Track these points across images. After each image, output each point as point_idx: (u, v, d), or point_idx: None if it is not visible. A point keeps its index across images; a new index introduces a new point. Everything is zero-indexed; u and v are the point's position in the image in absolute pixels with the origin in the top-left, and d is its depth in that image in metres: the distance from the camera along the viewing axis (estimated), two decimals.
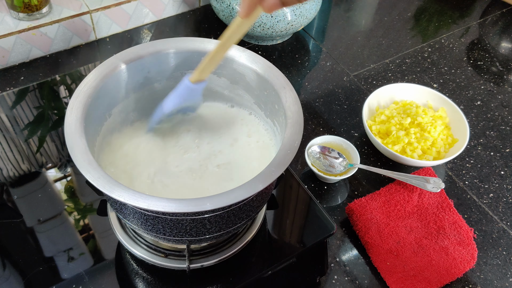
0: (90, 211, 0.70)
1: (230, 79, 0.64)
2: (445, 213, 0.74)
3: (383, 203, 0.74)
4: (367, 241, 0.71)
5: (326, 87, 0.96)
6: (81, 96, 0.54)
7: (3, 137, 0.78)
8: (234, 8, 0.92)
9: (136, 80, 0.62)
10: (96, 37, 0.99)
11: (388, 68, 1.02)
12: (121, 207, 0.52)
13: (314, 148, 0.79)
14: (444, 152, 0.81)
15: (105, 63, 0.58)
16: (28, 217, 0.68)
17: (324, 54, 1.04)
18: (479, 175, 0.83)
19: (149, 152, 0.61)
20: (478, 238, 0.74)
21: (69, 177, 0.74)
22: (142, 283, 0.62)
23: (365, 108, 0.83)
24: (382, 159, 0.83)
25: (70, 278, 0.61)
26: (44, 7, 0.91)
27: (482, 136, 0.90)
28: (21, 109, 0.83)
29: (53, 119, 0.82)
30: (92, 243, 0.66)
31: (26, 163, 0.75)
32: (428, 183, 0.75)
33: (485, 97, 0.98)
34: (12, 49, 0.90)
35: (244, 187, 0.47)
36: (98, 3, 0.95)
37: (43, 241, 0.65)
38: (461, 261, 0.69)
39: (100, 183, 0.46)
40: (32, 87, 0.87)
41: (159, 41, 0.62)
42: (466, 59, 1.06)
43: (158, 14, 1.05)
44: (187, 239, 0.54)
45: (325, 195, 0.78)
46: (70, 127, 0.51)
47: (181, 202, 0.45)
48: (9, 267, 0.63)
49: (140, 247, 0.62)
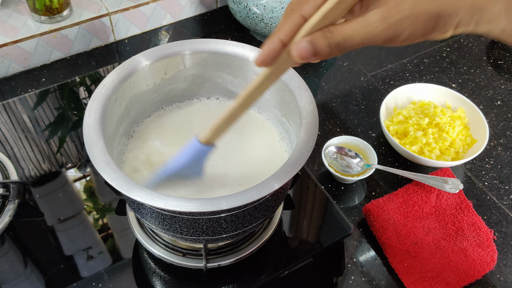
0: (109, 210, 0.71)
1: (246, 80, 0.65)
2: (464, 214, 0.73)
3: (400, 204, 0.74)
4: (384, 242, 0.70)
5: (343, 87, 0.96)
6: (100, 97, 0.55)
7: (25, 138, 0.80)
8: (251, 9, 0.93)
9: (153, 81, 0.63)
10: (115, 39, 1.01)
11: (406, 68, 1.01)
12: (139, 206, 0.53)
13: (331, 149, 0.79)
14: (463, 153, 0.80)
15: (123, 64, 0.59)
16: (49, 216, 0.69)
17: (341, 55, 1.03)
18: (499, 176, 0.82)
19: (167, 154, 0.62)
20: (498, 240, 0.73)
21: (88, 177, 0.75)
22: (160, 282, 0.63)
23: (383, 108, 0.83)
24: (399, 159, 0.83)
25: (89, 276, 0.63)
26: (65, 10, 0.92)
27: (502, 136, 0.89)
28: (42, 110, 0.85)
29: (72, 120, 0.84)
30: (110, 242, 0.67)
31: (47, 163, 0.76)
32: (446, 184, 0.75)
33: (505, 97, 0.96)
34: (34, 51, 0.92)
35: (260, 186, 0.47)
36: (117, 5, 0.97)
37: (63, 240, 0.67)
38: (480, 263, 0.68)
39: (118, 183, 0.47)
40: (53, 88, 0.89)
41: (176, 43, 0.62)
42: (486, 58, 1.05)
43: (176, 16, 1.06)
44: (204, 238, 0.55)
45: (342, 195, 0.78)
46: (89, 129, 0.52)
47: (198, 202, 0.46)
48: (30, 265, 0.64)
49: (158, 246, 0.62)
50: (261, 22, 0.94)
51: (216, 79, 0.66)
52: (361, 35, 0.36)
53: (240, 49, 0.62)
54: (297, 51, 0.37)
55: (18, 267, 0.64)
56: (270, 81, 0.42)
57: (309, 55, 0.37)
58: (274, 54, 0.39)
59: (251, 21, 0.95)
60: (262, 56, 0.39)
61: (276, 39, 0.38)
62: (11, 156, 0.76)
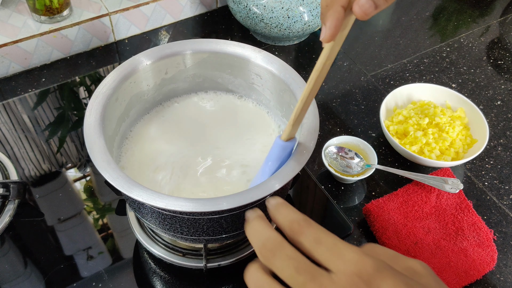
0: (109, 210, 0.71)
1: (247, 80, 0.65)
2: (464, 214, 0.73)
3: (400, 204, 0.74)
4: (384, 242, 0.70)
5: (343, 88, 0.96)
6: (100, 97, 0.55)
7: (25, 138, 0.80)
8: (251, 9, 0.93)
9: (154, 81, 0.63)
10: (115, 39, 1.01)
11: (406, 68, 1.01)
12: (139, 206, 0.53)
13: (331, 149, 0.79)
14: (463, 153, 0.80)
15: (124, 64, 0.59)
16: (49, 216, 0.69)
17: (341, 54, 1.03)
18: (499, 176, 0.82)
19: (169, 154, 0.62)
20: (498, 240, 0.73)
21: (88, 177, 0.75)
22: (160, 282, 0.63)
23: (383, 108, 0.83)
24: (399, 159, 0.83)
25: (89, 276, 0.63)
26: (65, 10, 0.92)
27: (502, 136, 0.89)
28: (42, 110, 0.85)
29: (73, 120, 0.84)
30: (110, 242, 0.67)
31: (47, 163, 0.76)
32: (446, 184, 0.75)
33: (505, 97, 0.96)
34: (34, 51, 0.92)
35: (260, 187, 0.47)
36: (117, 5, 0.97)
37: (63, 240, 0.67)
38: (480, 263, 0.68)
39: (118, 183, 0.47)
40: (53, 88, 0.89)
41: (177, 43, 0.62)
42: (486, 58, 1.05)
43: (176, 16, 1.06)
44: (204, 238, 0.55)
45: (342, 195, 0.78)
46: (89, 128, 0.52)
47: (198, 202, 0.46)
48: (30, 265, 0.64)
49: (158, 246, 0.62)
50: (261, 22, 0.94)
51: (216, 79, 0.66)
52: None
53: (240, 49, 0.62)
54: (360, 9, 0.36)
55: (18, 267, 0.64)
56: (335, 52, 0.41)
57: (372, 9, 0.36)
58: (340, 24, 0.38)
59: (251, 21, 0.95)
60: (332, 30, 0.38)
61: (339, 7, 0.37)
62: (11, 156, 0.76)
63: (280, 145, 0.49)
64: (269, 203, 0.38)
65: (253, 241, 0.35)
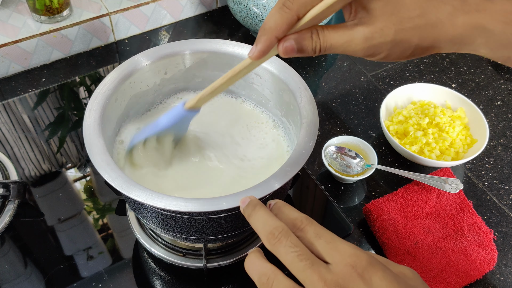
0: (109, 210, 0.71)
1: (246, 80, 0.65)
2: (464, 214, 0.73)
3: (400, 204, 0.74)
4: (384, 242, 0.70)
5: (343, 87, 0.96)
6: (100, 97, 0.55)
7: (25, 138, 0.80)
8: (251, 9, 0.93)
9: (153, 81, 0.63)
10: (115, 38, 1.01)
11: (406, 68, 1.01)
12: (139, 206, 0.53)
13: (331, 149, 0.79)
14: (463, 153, 0.80)
15: (124, 64, 0.59)
16: (49, 216, 0.69)
17: (341, 54, 1.03)
18: (499, 176, 0.82)
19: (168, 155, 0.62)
20: (498, 240, 0.73)
21: (88, 177, 0.75)
22: (160, 282, 0.63)
23: (383, 108, 0.83)
24: (399, 159, 0.83)
25: (89, 276, 0.63)
26: (65, 10, 0.92)
27: (502, 136, 0.89)
28: (42, 110, 0.85)
29: (72, 120, 0.84)
30: (110, 242, 0.67)
31: (47, 163, 0.76)
32: (446, 183, 0.75)
33: (505, 96, 0.96)
34: (34, 51, 0.92)
35: (260, 186, 0.47)
36: (117, 5, 0.97)
37: (63, 240, 0.67)
38: (480, 263, 0.68)
39: (118, 183, 0.47)
40: (53, 88, 0.89)
41: (176, 43, 0.62)
42: (486, 58, 1.05)
43: (176, 16, 1.06)
44: (203, 238, 0.55)
45: (342, 195, 0.78)
46: (89, 128, 0.52)
47: (198, 202, 0.46)
48: (30, 265, 0.64)
49: (158, 246, 0.62)
50: (261, 22, 0.94)
51: (216, 79, 0.66)
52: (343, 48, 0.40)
53: (240, 49, 0.62)
54: (283, 48, 0.40)
55: (18, 267, 0.64)
56: (254, 67, 0.46)
57: (293, 52, 0.40)
58: (268, 50, 0.41)
59: (251, 21, 0.95)
60: (259, 53, 0.41)
61: (273, 37, 0.40)
62: (11, 156, 0.76)
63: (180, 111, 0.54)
64: (271, 205, 0.40)
65: (259, 227, 0.38)
